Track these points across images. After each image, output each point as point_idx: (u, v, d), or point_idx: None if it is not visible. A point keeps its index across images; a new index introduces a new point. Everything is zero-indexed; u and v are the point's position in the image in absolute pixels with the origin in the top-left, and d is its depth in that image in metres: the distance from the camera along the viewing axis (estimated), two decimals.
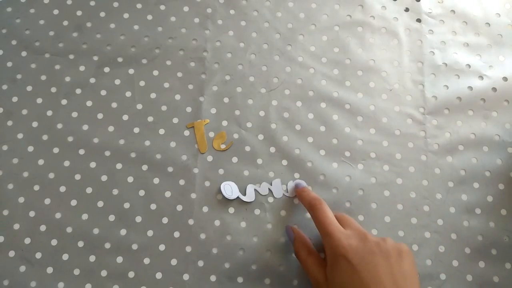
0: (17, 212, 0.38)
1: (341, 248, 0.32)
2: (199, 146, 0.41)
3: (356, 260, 0.31)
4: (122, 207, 0.39)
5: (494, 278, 0.39)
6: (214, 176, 0.40)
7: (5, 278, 0.37)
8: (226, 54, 0.43)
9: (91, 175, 0.39)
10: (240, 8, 0.45)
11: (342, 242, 0.32)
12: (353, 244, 0.32)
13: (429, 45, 0.45)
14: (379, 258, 0.31)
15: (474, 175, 0.41)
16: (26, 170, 0.39)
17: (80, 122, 0.41)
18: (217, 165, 0.40)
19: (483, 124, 0.43)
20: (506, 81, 0.44)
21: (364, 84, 0.43)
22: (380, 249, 0.32)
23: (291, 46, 0.44)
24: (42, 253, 0.37)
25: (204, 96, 0.42)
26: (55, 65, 0.42)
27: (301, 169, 0.41)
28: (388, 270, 0.31)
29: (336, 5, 0.46)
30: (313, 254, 0.35)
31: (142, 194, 0.39)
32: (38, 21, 0.43)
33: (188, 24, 0.44)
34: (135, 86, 0.42)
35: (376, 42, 0.45)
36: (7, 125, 0.40)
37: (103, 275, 0.37)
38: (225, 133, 0.41)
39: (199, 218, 0.39)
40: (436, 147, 0.42)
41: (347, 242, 0.32)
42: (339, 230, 0.33)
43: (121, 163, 0.40)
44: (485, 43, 0.45)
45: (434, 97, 0.43)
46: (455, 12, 0.46)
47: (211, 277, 0.38)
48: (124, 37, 0.43)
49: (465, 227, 0.40)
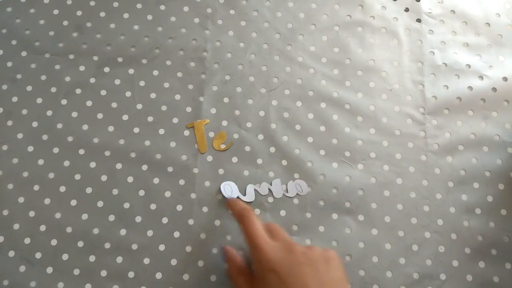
0: (17, 212, 0.38)
1: (270, 262, 0.31)
2: (199, 146, 0.41)
3: (284, 273, 0.31)
4: (122, 207, 0.39)
5: (494, 278, 0.39)
6: (214, 176, 0.40)
7: (5, 278, 0.36)
8: (226, 54, 0.43)
9: (91, 175, 0.39)
10: (240, 8, 0.45)
11: (270, 256, 0.32)
12: (281, 256, 0.32)
13: (429, 45, 0.45)
14: (306, 268, 0.31)
15: (474, 175, 0.41)
16: (26, 170, 0.39)
17: (80, 122, 0.41)
18: (217, 165, 0.40)
19: (483, 124, 0.43)
20: (506, 81, 0.44)
21: (364, 84, 0.43)
22: (307, 258, 0.32)
23: (291, 46, 0.44)
24: (42, 253, 0.37)
25: (204, 96, 0.42)
26: (55, 65, 0.42)
27: (301, 169, 0.41)
28: (316, 278, 0.31)
29: (336, 5, 0.46)
30: (244, 273, 0.35)
31: (142, 194, 0.39)
32: (38, 21, 0.43)
33: (188, 24, 0.44)
34: (135, 86, 0.42)
35: (376, 42, 0.45)
36: (7, 125, 0.40)
37: (103, 275, 0.37)
38: (225, 133, 0.41)
39: (199, 218, 0.39)
40: (436, 147, 0.42)
41: (275, 256, 0.32)
42: (267, 243, 0.33)
43: (121, 163, 0.40)
44: (485, 43, 0.45)
45: (434, 97, 0.43)
46: (455, 12, 0.46)
47: (211, 277, 0.38)
48: (124, 37, 0.43)
49: (465, 227, 0.40)
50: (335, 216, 0.40)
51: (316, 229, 0.39)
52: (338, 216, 0.40)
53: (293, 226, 0.39)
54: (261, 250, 0.32)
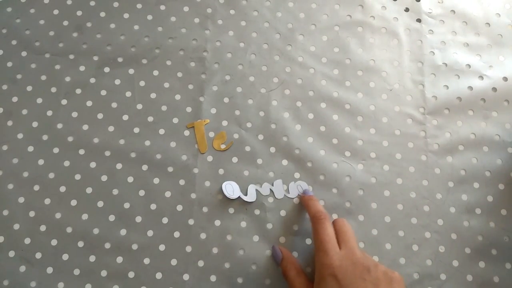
0: (17, 212, 0.38)
1: (333, 267, 0.32)
2: (199, 146, 0.41)
3: (345, 282, 0.31)
4: (122, 207, 0.39)
5: (494, 278, 0.39)
6: (214, 176, 0.40)
7: (5, 278, 0.37)
8: (226, 54, 0.43)
9: (91, 175, 0.39)
10: (240, 8, 0.45)
11: (334, 262, 0.32)
12: (345, 265, 0.32)
13: (429, 45, 0.45)
14: (367, 284, 0.31)
15: (474, 175, 0.41)
16: (26, 170, 0.39)
17: (80, 122, 0.41)
18: (217, 165, 0.40)
19: (483, 124, 0.43)
20: (506, 81, 0.44)
21: (364, 84, 0.43)
22: (370, 276, 0.32)
23: (291, 46, 0.44)
24: (42, 253, 0.37)
25: (204, 96, 0.42)
26: (55, 65, 0.42)
27: (301, 169, 0.41)
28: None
29: (336, 5, 0.46)
30: (302, 275, 0.35)
31: (142, 194, 0.39)
32: (38, 21, 0.43)
33: (188, 24, 0.44)
34: (135, 86, 0.42)
35: (376, 42, 0.45)
36: (7, 125, 0.40)
37: (103, 275, 0.37)
38: (225, 133, 0.41)
39: (199, 218, 0.39)
40: (436, 147, 0.42)
41: (339, 263, 0.32)
42: (335, 250, 0.33)
43: (121, 163, 0.40)
44: (485, 43, 0.45)
45: (434, 97, 0.43)
46: (455, 12, 0.46)
47: (211, 277, 0.38)
48: (124, 37, 0.43)
49: (465, 227, 0.40)
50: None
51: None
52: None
53: (294, 226, 0.39)
54: (327, 255, 0.33)
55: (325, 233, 0.34)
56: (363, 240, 0.39)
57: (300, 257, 0.39)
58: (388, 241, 0.39)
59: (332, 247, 0.33)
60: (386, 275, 0.32)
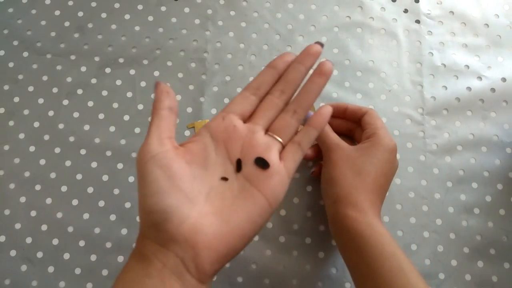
0: (18, 212, 0.38)
1: (392, 145, 0.35)
2: None
3: (393, 159, 0.35)
4: (123, 207, 0.39)
5: (492, 278, 0.39)
6: None
7: (6, 278, 0.37)
8: (226, 55, 0.44)
9: (92, 175, 0.40)
10: (240, 9, 0.45)
11: (392, 142, 0.35)
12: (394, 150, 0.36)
13: (428, 46, 0.45)
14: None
15: (472, 175, 0.41)
16: (27, 170, 0.39)
17: (82, 122, 0.41)
18: None
19: (481, 125, 0.43)
20: (504, 81, 0.44)
21: (363, 85, 0.43)
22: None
23: (291, 47, 0.44)
24: (43, 253, 0.38)
25: (204, 96, 0.42)
26: (57, 65, 0.42)
27: (301, 169, 0.41)
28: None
29: (336, 6, 0.46)
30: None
31: None
32: (39, 22, 0.44)
33: (188, 25, 0.44)
34: (136, 86, 0.42)
35: (375, 43, 0.45)
36: (9, 125, 0.41)
37: (104, 274, 0.37)
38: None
39: None
40: (434, 147, 0.42)
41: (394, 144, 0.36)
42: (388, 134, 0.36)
43: (122, 163, 0.40)
44: (483, 44, 0.45)
45: (433, 97, 0.43)
46: (454, 13, 0.46)
47: None
48: (125, 38, 0.44)
49: (463, 227, 0.40)
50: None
51: (317, 229, 0.39)
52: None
53: (294, 225, 0.39)
54: (386, 132, 0.36)
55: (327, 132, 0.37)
56: None
57: (300, 256, 0.39)
58: None
59: (387, 130, 0.37)
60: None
